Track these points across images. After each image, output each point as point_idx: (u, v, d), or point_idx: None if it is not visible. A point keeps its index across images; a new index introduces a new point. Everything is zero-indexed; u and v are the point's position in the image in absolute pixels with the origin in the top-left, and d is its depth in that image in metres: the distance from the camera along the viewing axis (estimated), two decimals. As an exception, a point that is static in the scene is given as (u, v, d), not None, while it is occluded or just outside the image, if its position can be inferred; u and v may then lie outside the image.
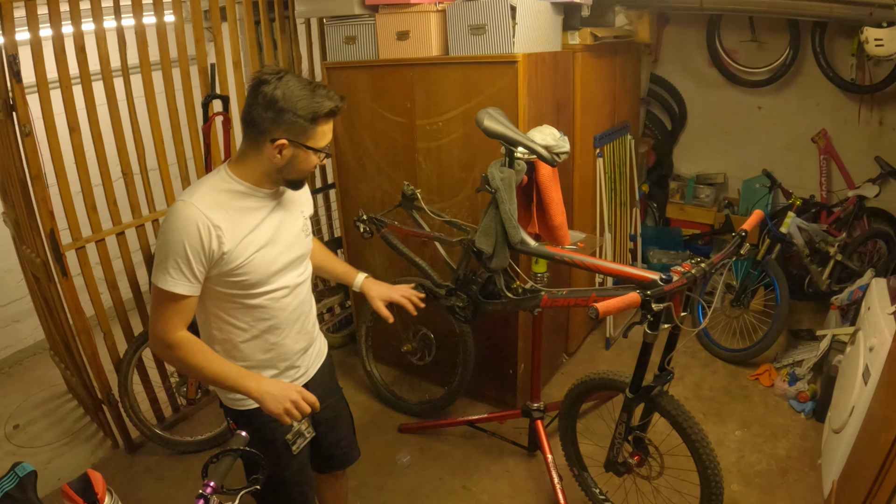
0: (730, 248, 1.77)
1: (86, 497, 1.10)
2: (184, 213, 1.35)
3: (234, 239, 1.40)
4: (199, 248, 1.35)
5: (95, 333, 2.64)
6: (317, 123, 1.38)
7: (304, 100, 1.34)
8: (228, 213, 1.40)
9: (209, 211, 1.36)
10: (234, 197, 1.43)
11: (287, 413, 1.39)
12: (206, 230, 1.35)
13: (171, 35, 2.72)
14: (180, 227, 1.34)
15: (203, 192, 1.40)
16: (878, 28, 2.74)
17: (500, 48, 2.40)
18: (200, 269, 1.38)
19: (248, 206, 1.44)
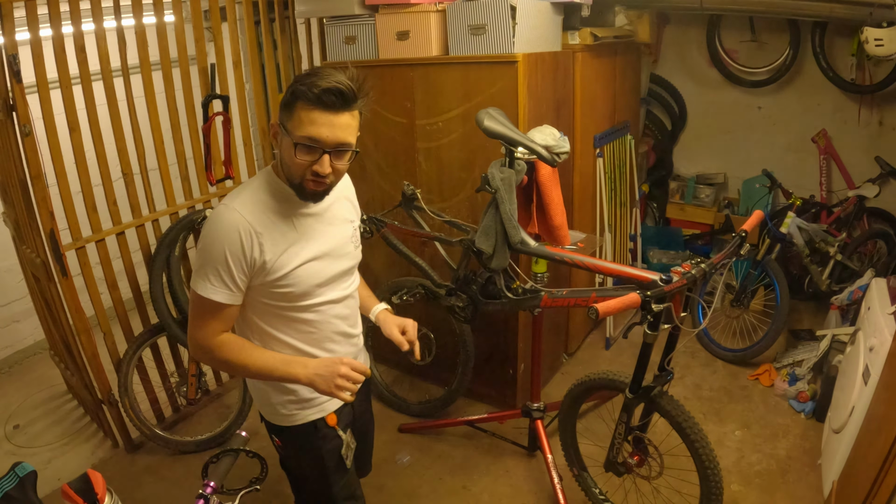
0: (730, 248, 1.77)
1: (86, 497, 1.10)
2: (226, 218, 1.28)
3: (277, 248, 1.32)
4: (241, 255, 1.28)
5: (95, 333, 2.64)
6: (295, 102, 1.23)
7: (303, 76, 1.23)
8: (272, 220, 1.32)
9: (252, 216, 1.29)
10: (279, 200, 1.34)
11: (340, 389, 1.32)
12: (248, 237, 1.28)
13: (171, 35, 2.72)
14: (221, 234, 1.27)
15: (247, 195, 1.32)
16: (878, 28, 2.74)
17: (500, 48, 2.40)
18: (242, 278, 1.31)
19: (292, 212, 1.36)
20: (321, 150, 1.25)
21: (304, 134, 1.23)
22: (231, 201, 1.30)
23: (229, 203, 1.30)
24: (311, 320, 1.43)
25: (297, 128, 1.23)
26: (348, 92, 1.22)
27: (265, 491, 2.44)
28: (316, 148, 1.24)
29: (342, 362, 1.34)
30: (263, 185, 1.35)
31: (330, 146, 1.25)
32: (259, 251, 1.29)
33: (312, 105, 1.21)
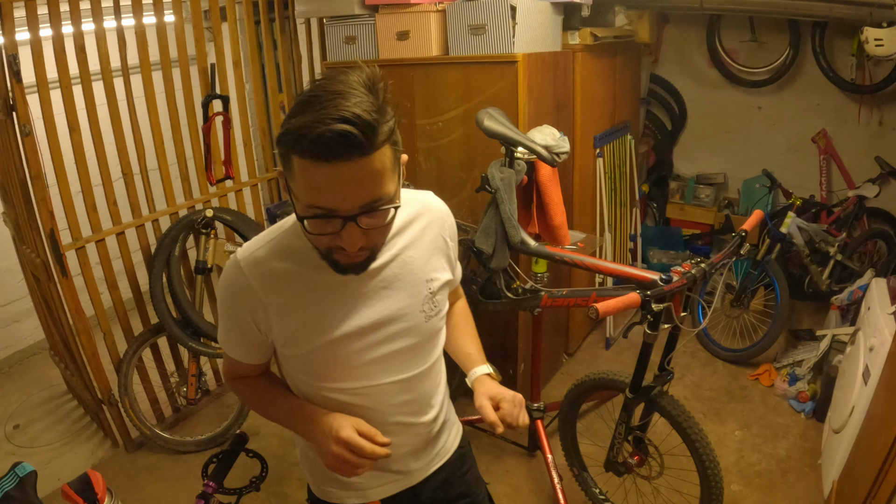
0: (730, 248, 1.77)
1: (86, 497, 1.10)
2: (229, 276, 1.02)
3: (289, 324, 1.01)
4: (249, 320, 1.02)
5: (95, 333, 2.64)
6: (289, 155, 0.85)
7: (295, 108, 0.84)
8: (287, 285, 1.00)
9: (259, 281, 0.99)
10: (300, 262, 1.00)
11: (341, 470, 1.00)
12: (252, 305, 1.00)
13: (171, 35, 2.72)
14: (225, 292, 1.04)
15: (262, 251, 1.01)
16: (878, 28, 2.74)
17: (500, 48, 2.40)
18: (256, 339, 1.05)
19: (318, 275, 1.00)
20: (341, 220, 0.86)
21: (309, 202, 0.85)
22: (243, 253, 1.02)
23: (240, 255, 1.02)
24: (350, 404, 1.07)
25: (300, 191, 0.86)
26: (361, 131, 0.80)
27: (265, 491, 2.45)
28: (332, 218, 0.86)
29: (338, 436, 0.99)
30: (283, 241, 1.02)
31: (351, 211, 0.86)
32: (266, 324, 1.02)
33: (311, 160, 0.81)
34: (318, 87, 0.83)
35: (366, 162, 0.83)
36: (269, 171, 3.33)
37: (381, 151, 0.85)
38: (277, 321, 1.01)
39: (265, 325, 1.02)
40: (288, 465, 2.66)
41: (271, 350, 1.09)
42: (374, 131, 0.81)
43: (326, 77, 0.87)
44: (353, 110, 0.79)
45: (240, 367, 1.14)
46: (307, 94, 0.83)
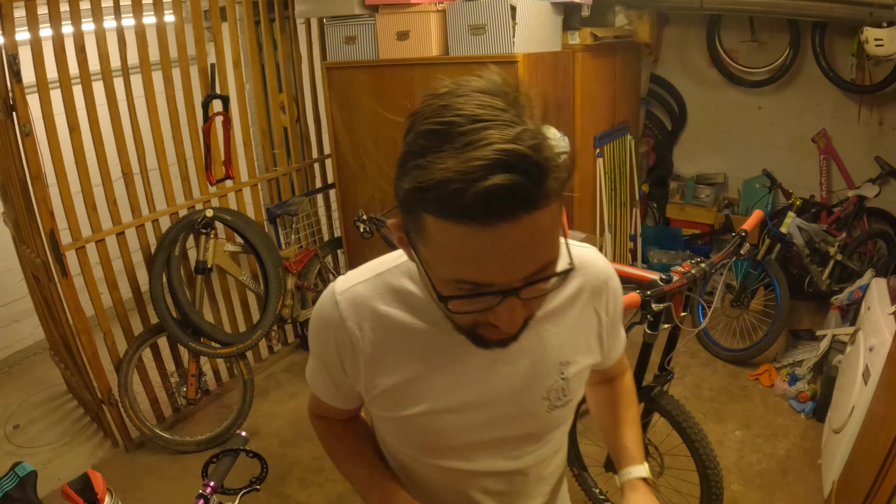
0: (730, 248, 1.77)
1: (86, 497, 1.10)
2: (323, 308, 0.86)
3: (381, 380, 0.84)
4: (337, 362, 0.86)
5: (95, 333, 2.64)
6: (421, 214, 0.63)
7: (420, 148, 0.61)
8: (388, 335, 0.82)
9: (356, 321, 0.82)
10: (410, 312, 0.82)
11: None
12: (341, 344, 0.84)
13: (171, 35, 2.72)
14: (315, 323, 0.88)
15: (366, 276, 0.85)
16: (878, 28, 2.74)
17: (500, 48, 2.40)
18: (343, 384, 0.90)
19: (427, 331, 0.81)
20: (499, 295, 0.65)
21: (457, 277, 0.64)
22: (342, 285, 0.85)
23: (338, 287, 0.85)
24: (440, 482, 0.93)
25: (441, 263, 0.64)
26: (531, 178, 0.58)
27: (265, 491, 2.45)
28: (487, 295, 0.65)
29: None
30: (392, 280, 0.83)
31: (512, 284, 0.64)
32: (354, 372, 0.86)
33: (460, 224, 0.59)
34: (447, 110, 0.60)
35: (535, 218, 0.59)
36: (268, 171, 3.33)
37: (553, 200, 0.61)
38: (368, 374, 0.84)
39: (353, 373, 0.86)
40: (288, 465, 2.66)
41: (360, 400, 0.93)
42: (544, 174, 0.59)
43: (447, 91, 0.63)
44: (515, 147, 0.57)
45: (324, 407, 1.00)
46: (434, 122, 0.60)
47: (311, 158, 3.54)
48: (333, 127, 2.99)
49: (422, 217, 0.62)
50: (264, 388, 3.22)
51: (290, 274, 3.15)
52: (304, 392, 3.21)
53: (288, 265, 3.13)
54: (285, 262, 3.09)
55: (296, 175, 3.47)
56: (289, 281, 3.14)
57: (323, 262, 3.47)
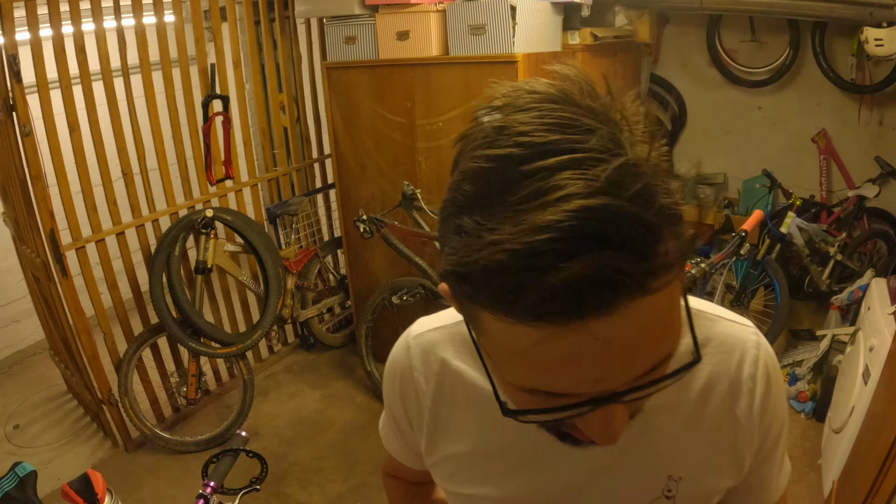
0: (730, 248, 1.77)
1: (86, 497, 1.10)
2: (395, 349, 0.75)
3: (445, 447, 0.70)
4: (402, 414, 0.74)
5: (95, 333, 2.64)
6: (477, 307, 0.43)
7: (464, 201, 0.44)
8: (460, 390, 0.68)
9: (423, 367, 0.70)
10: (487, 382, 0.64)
11: None
12: (407, 395, 0.72)
13: (171, 35, 2.72)
14: (387, 368, 0.76)
15: (443, 322, 0.72)
16: (878, 28, 2.74)
17: (500, 48, 2.40)
18: (410, 440, 0.77)
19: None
20: (589, 405, 0.45)
21: (527, 385, 0.45)
22: (417, 329, 0.74)
23: (414, 331, 0.74)
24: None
25: (506, 364, 0.46)
26: (635, 254, 0.38)
27: (265, 491, 2.45)
28: (572, 409, 0.46)
29: None
30: (468, 338, 0.63)
31: (606, 391, 0.44)
32: (419, 429, 0.73)
33: (529, 324, 0.40)
34: (502, 135, 0.42)
35: (643, 305, 0.40)
36: (268, 171, 3.33)
37: (672, 270, 0.41)
38: (430, 435, 0.71)
39: (418, 429, 0.72)
40: (288, 464, 2.66)
41: None
42: (657, 237, 0.39)
43: (506, 103, 0.45)
44: (607, 202, 0.37)
45: (394, 465, 0.87)
46: (483, 156, 0.43)
47: (311, 158, 3.54)
48: (333, 127, 2.99)
49: (476, 311, 0.44)
50: (264, 388, 3.22)
51: (290, 274, 3.15)
52: (304, 392, 3.21)
53: (288, 265, 3.13)
54: (285, 262, 3.09)
55: (296, 175, 3.47)
56: (289, 281, 3.14)
57: (323, 262, 3.47)
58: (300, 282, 3.25)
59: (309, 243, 3.49)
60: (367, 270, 3.17)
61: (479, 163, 0.43)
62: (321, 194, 3.63)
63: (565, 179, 0.38)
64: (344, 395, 3.16)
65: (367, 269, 3.17)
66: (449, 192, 0.47)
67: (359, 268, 3.23)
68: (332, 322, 3.67)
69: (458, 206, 0.44)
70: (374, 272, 3.11)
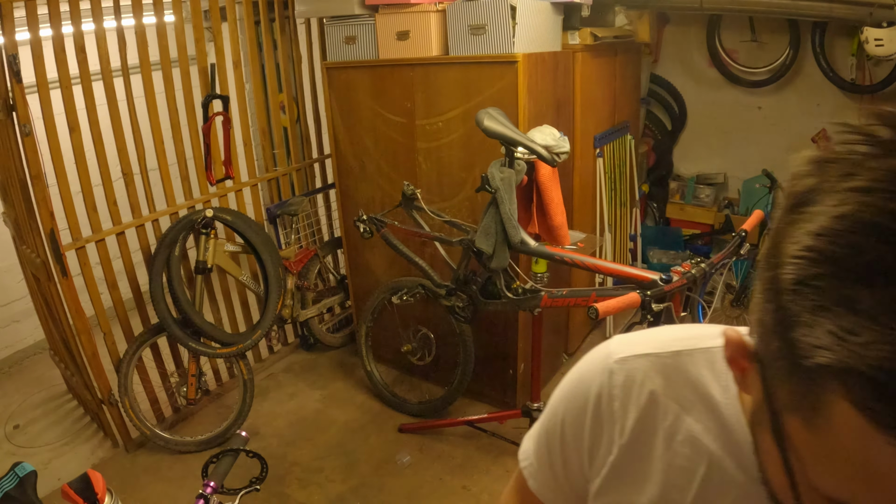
0: (730, 248, 1.77)
1: (86, 497, 1.10)
2: (589, 368, 0.65)
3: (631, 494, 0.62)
4: (580, 444, 0.65)
5: (95, 333, 2.64)
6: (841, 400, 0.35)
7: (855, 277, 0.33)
8: (661, 432, 0.59)
9: (624, 399, 0.61)
10: (715, 405, 0.57)
11: None
12: (596, 426, 0.63)
13: (171, 35, 2.72)
14: (576, 391, 0.66)
15: (655, 348, 0.61)
16: (878, 28, 2.74)
17: (500, 48, 2.40)
18: (574, 478, 0.68)
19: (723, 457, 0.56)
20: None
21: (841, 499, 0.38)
22: (622, 350, 0.63)
23: (617, 350, 0.63)
24: None
25: (828, 467, 0.38)
26: None
27: (265, 491, 2.44)
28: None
29: None
30: (686, 364, 0.59)
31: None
32: (597, 468, 0.64)
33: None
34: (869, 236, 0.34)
35: None
36: (268, 171, 3.33)
37: None
38: (609, 477, 0.63)
39: (597, 466, 0.64)
40: (288, 464, 2.66)
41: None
42: None
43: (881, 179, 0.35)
44: None
45: (527, 495, 0.74)
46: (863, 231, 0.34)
47: (311, 158, 3.54)
48: (333, 127, 2.99)
49: (828, 398, 0.36)
50: (264, 388, 3.22)
51: (290, 274, 3.15)
52: (304, 392, 3.21)
53: (288, 265, 3.13)
54: (285, 262, 3.09)
55: (296, 175, 3.47)
56: (289, 281, 3.14)
57: (323, 262, 3.47)
58: (300, 282, 3.25)
59: (309, 243, 3.49)
60: (367, 270, 3.18)
61: (876, 216, 0.33)
62: (321, 194, 3.63)
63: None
64: (344, 395, 3.16)
65: (367, 269, 3.17)
66: (812, 238, 0.36)
67: (359, 268, 3.23)
68: (332, 322, 3.67)
69: (842, 267, 0.34)
70: (374, 272, 3.11)
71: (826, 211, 0.35)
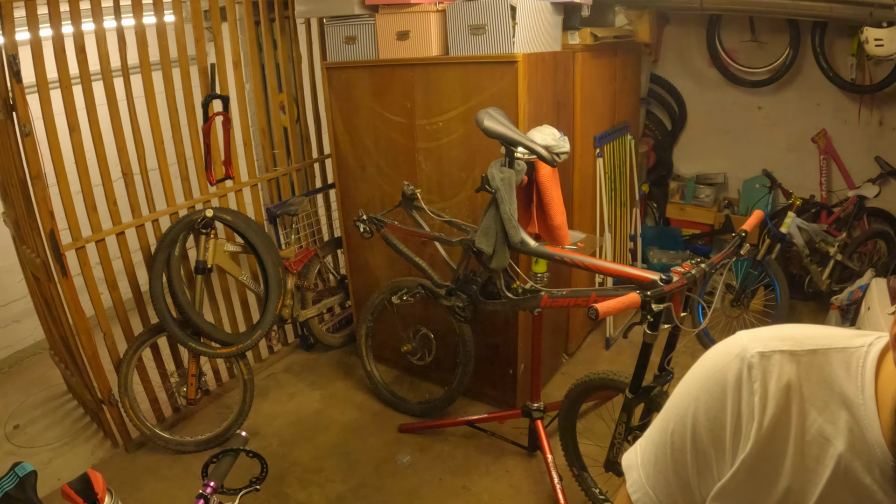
0: (730, 248, 1.77)
1: (86, 497, 1.10)
2: (726, 363, 0.63)
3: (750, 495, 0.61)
4: (714, 436, 0.63)
5: (95, 333, 2.64)
6: None
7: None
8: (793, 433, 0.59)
9: (763, 390, 0.59)
10: (840, 404, 0.57)
11: None
12: (736, 417, 0.61)
13: (171, 35, 2.72)
14: (711, 382, 0.64)
15: (790, 345, 0.61)
16: (878, 28, 2.74)
17: (500, 48, 2.40)
18: (702, 467, 0.65)
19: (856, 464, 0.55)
20: None
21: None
22: (758, 344, 0.62)
23: (751, 344, 0.62)
24: None
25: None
26: None
27: (265, 491, 2.45)
28: None
29: None
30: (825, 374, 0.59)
31: None
32: (727, 462, 0.63)
33: None
34: None
35: None
36: (269, 171, 3.33)
37: None
38: (740, 473, 0.61)
39: (727, 460, 0.62)
40: (288, 464, 2.66)
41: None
42: None
43: None
44: None
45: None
46: None
47: (311, 158, 3.54)
48: (333, 127, 2.99)
49: None
50: (264, 388, 3.22)
51: (290, 274, 3.15)
52: (304, 392, 3.21)
53: (288, 265, 3.13)
54: (285, 262, 3.09)
55: (296, 175, 3.47)
56: (289, 281, 3.14)
57: (323, 262, 3.47)
58: (300, 282, 3.25)
59: (309, 243, 3.49)
60: (367, 270, 3.18)
61: None
62: (321, 194, 3.63)
63: None
64: (344, 395, 3.16)
65: (367, 269, 3.17)
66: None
67: (359, 268, 3.23)
68: (332, 322, 3.67)
69: None
70: (374, 272, 3.11)
71: None
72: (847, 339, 0.59)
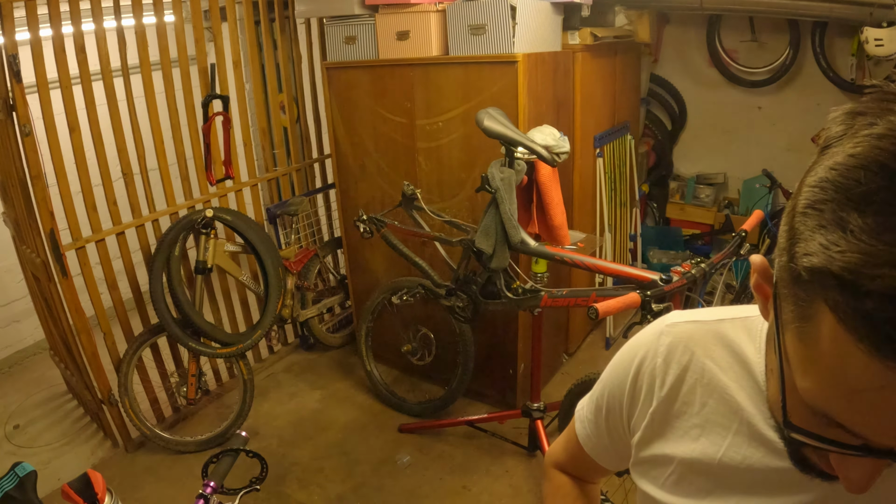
0: (730, 248, 1.77)
1: (86, 497, 1.10)
2: (644, 335, 0.73)
3: (663, 442, 0.68)
4: (623, 398, 0.72)
5: (95, 333, 2.64)
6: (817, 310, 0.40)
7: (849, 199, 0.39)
8: (701, 390, 0.65)
9: (667, 356, 0.68)
10: (737, 361, 0.63)
11: None
12: (639, 381, 0.70)
13: (171, 35, 2.72)
14: (627, 351, 0.74)
15: (702, 317, 0.68)
16: (878, 28, 2.74)
17: (500, 48, 2.40)
18: (618, 425, 0.75)
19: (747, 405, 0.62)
20: (863, 452, 0.43)
21: (821, 409, 0.43)
22: (676, 318, 0.71)
23: (671, 318, 0.71)
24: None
25: (814, 378, 0.43)
26: None
27: (265, 491, 2.45)
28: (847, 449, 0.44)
29: None
30: (726, 337, 0.65)
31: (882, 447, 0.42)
32: (637, 420, 0.71)
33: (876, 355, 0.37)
34: None
35: None
36: (268, 171, 3.33)
37: None
38: (648, 430, 0.69)
39: (637, 419, 0.71)
40: (288, 464, 2.66)
41: (618, 463, 0.80)
42: None
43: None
44: None
45: (571, 455, 0.86)
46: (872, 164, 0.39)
47: (311, 158, 3.54)
48: (333, 127, 2.99)
49: (817, 307, 0.40)
50: (264, 388, 3.22)
51: (290, 274, 3.15)
52: (304, 392, 3.21)
53: (288, 265, 3.13)
54: (285, 262, 3.09)
55: (296, 175, 3.47)
56: (289, 281, 3.14)
57: (323, 262, 3.47)
58: (300, 282, 3.25)
59: (309, 243, 3.49)
60: (367, 270, 3.18)
61: (883, 157, 0.38)
62: (321, 194, 3.63)
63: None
64: (344, 395, 3.16)
65: (367, 269, 3.17)
66: (827, 171, 0.41)
67: (359, 268, 3.23)
68: (332, 322, 3.67)
69: (844, 195, 0.39)
70: (374, 272, 3.11)
71: (843, 151, 0.41)
72: (753, 310, 0.64)
